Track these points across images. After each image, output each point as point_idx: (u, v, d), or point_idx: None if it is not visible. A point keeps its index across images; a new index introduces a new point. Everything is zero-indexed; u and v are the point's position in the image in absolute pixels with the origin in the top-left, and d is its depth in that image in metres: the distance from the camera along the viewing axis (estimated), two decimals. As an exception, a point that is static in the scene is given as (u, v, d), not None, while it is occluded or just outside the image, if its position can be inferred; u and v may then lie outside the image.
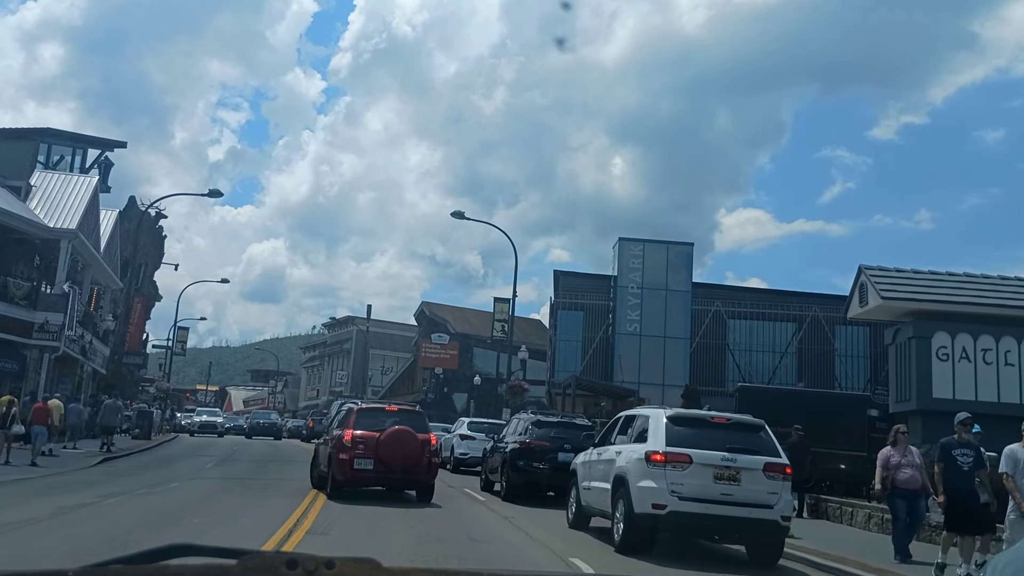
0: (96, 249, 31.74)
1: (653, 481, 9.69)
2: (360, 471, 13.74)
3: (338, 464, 13.79)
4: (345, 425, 14.45)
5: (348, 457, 13.70)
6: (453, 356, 49.78)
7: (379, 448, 13.71)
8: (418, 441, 14.24)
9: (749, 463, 9.80)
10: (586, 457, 12.37)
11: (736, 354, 40.26)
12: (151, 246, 57.25)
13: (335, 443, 14.12)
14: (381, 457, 13.71)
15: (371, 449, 13.68)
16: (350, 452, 13.74)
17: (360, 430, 14.06)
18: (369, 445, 13.73)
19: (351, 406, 17.56)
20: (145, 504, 12.43)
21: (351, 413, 14.90)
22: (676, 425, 10.11)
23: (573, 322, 40.50)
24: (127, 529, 9.35)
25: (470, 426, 26.22)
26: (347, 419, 14.68)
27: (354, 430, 14.07)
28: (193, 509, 11.68)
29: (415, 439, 14.19)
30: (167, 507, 12.02)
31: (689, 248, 39.56)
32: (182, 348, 54.18)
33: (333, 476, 13.90)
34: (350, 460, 13.69)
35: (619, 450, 10.76)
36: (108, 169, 43.69)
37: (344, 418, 15.24)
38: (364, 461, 13.66)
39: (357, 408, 15.34)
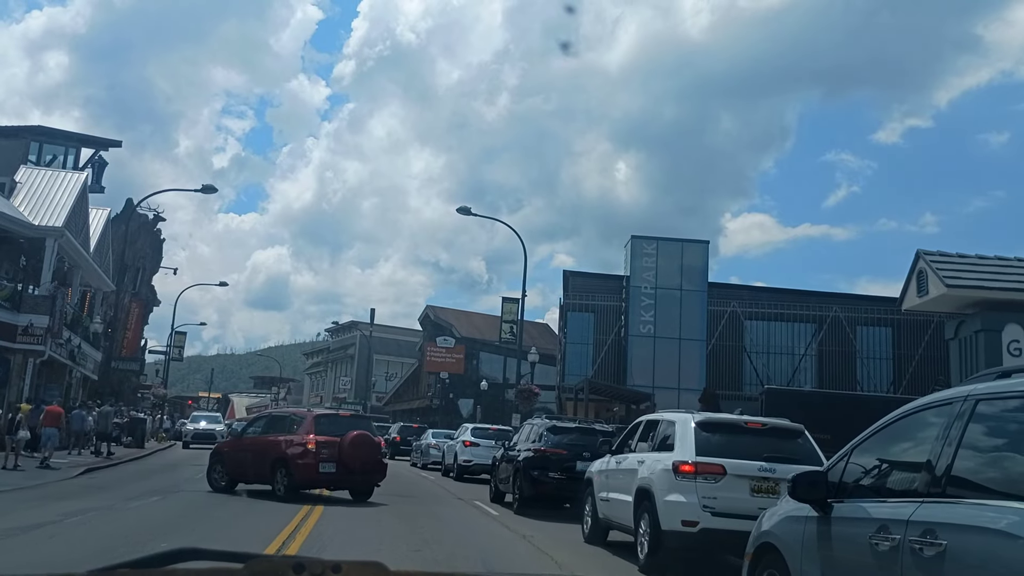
0: (85, 249, 30.35)
1: (682, 495, 8.41)
2: (324, 474, 14.57)
3: (303, 468, 14.46)
4: (307, 431, 14.94)
5: (313, 462, 14.41)
6: (459, 360, 48.28)
7: (343, 452, 14.57)
8: (376, 444, 15.61)
9: (789, 473, 8.26)
10: (603, 466, 11.00)
11: (753, 356, 38.73)
12: (149, 249, 55.95)
13: (296, 447, 14.66)
14: (344, 460, 14.56)
15: (334, 453, 14.50)
16: (315, 456, 14.43)
17: (321, 435, 14.74)
18: (332, 449, 14.53)
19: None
20: (111, 523, 10.94)
21: (309, 419, 15.37)
22: (706, 431, 8.80)
23: (583, 324, 39.00)
24: (80, 557, 7.86)
25: (474, 432, 24.78)
26: (308, 424, 15.15)
27: (316, 435, 14.71)
28: (166, 528, 10.21)
29: (373, 442, 15.46)
30: (135, 526, 10.55)
31: (704, 246, 38.05)
32: (179, 353, 52.82)
33: (293, 478, 14.50)
34: (315, 464, 14.42)
35: (641, 459, 9.40)
36: (102, 169, 42.37)
37: (302, 424, 15.52)
38: (328, 464, 14.49)
39: (314, 415, 15.85)
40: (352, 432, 14.98)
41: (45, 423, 20.76)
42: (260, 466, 15.11)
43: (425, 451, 29.94)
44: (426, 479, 23.76)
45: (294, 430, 15.20)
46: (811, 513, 4.70)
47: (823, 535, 4.58)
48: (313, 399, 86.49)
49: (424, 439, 31.21)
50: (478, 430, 24.92)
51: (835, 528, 4.48)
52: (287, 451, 14.66)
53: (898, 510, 3.91)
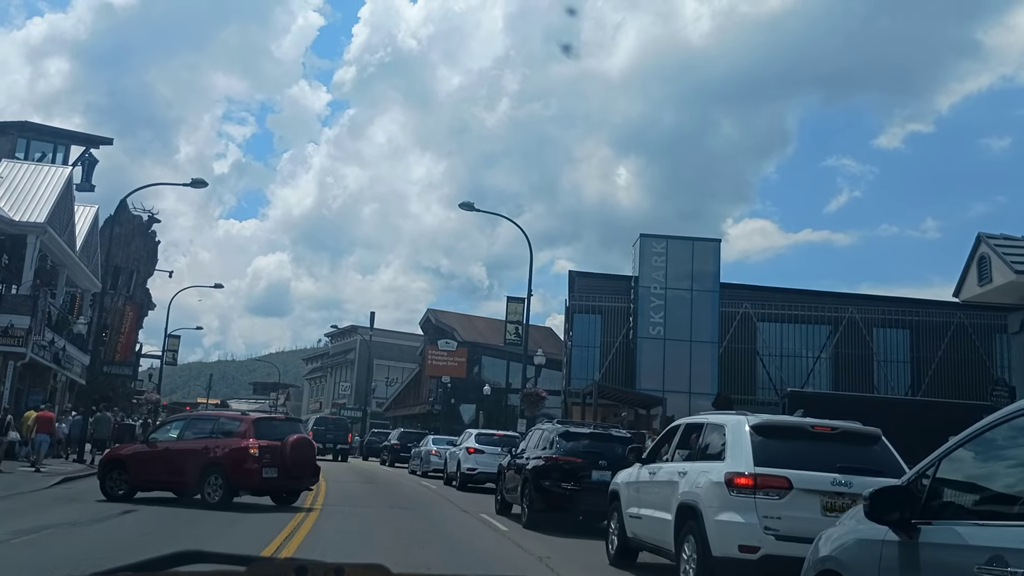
0: (71, 247, 29.04)
1: (738, 514, 6.96)
2: (267, 479, 14.12)
3: (245, 473, 13.95)
4: (247, 435, 14.29)
5: (257, 467, 13.95)
6: (461, 364, 46.88)
7: (284, 456, 14.16)
8: (313, 447, 15.58)
9: (869, 487, 6.95)
10: (632, 477, 9.53)
11: (766, 359, 37.35)
12: (143, 252, 54.63)
13: (235, 452, 14.02)
14: (286, 465, 14.17)
15: (276, 458, 14.08)
16: (259, 461, 13.96)
17: (262, 439, 14.24)
18: (274, 454, 14.11)
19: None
20: (65, 544, 9.60)
21: (248, 423, 14.69)
22: (764, 437, 7.33)
23: (590, 326, 37.62)
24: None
25: (479, 438, 23.37)
26: (246, 429, 14.47)
27: (258, 440, 14.18)
28: (125, 550, 8.83)
29: (312, 446, 15.40)
30: (88, 548, 9.20)
31: (716, 245, 36.66)
32: (174, 358, 51.44)
33: (230, 484, 13.94)
34: (259, 469, 13.96)
35: (682, 470, 7.94)
36: (92, 167, 41.18)
37: (237, 428, 14.75)
38: (270, 469, 14.05)
39: (253, 418, 15.18)
40: (292, 436, 14.68)
41: (37, 429, 20.52)
42: (181, 472, 14.25)
43: (425, 458, 28.62)
44: (427, 489, 22.39)
45: (227, 434, 14.47)
46: (891, 537, 3.88)
47: (909, 564, 3.74)
48: (312, 405, 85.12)
49: (424, 445, 29.88)
50: (483, 436, 23.55)
51: (925, 555, 3.67)
52: (223, 456, 14.00)
53: (1020, 535, 3.12)
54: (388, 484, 23.19)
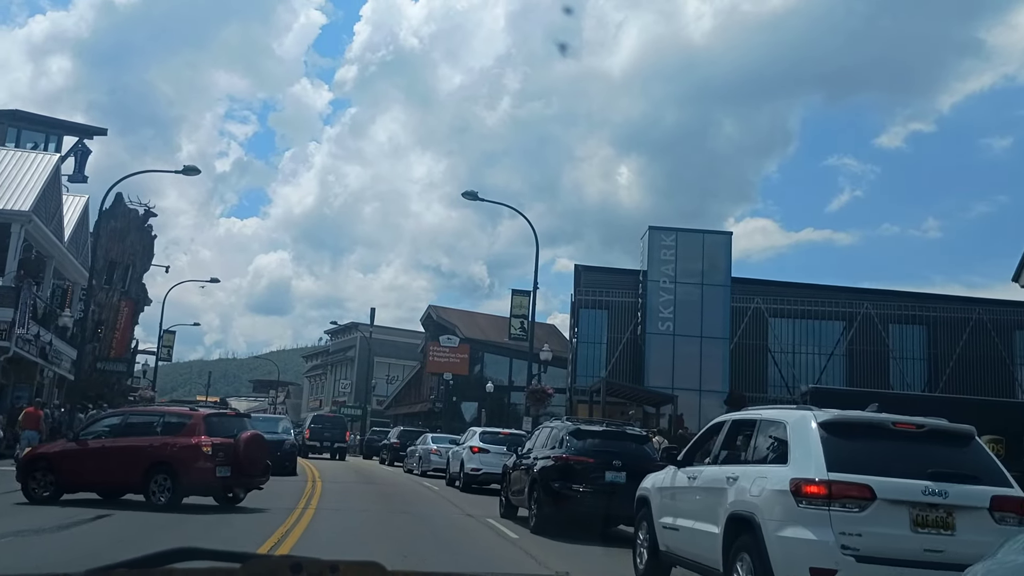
0: (59, 238, 27.94)
1: (809, 529, 5.73)
2: (221, 478, 13.18)
3: (198, 472, 12.99)
4: (198, 432, 13.29)
5: (211, 465, 13.02)
6: (463, 361, 45.73)
7: (238, 454, 13.28)
8: (267, 445, 14.70)
9: (967, 498, 5.79)
10: (666, 482, 8.33)
11: (777, 356, 36.22)
12: (139, 246, 53.43)
13: (186, 450, 13.06)
14: (241, 463, 13.32)
15: (230, 455, 13.20)
16: (212, 460, 13.03)
17: (214, 436, 13.27)
18: (228, 452, 13.19)
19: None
20: (17, 555, 8.48)
21: (199, 419, 13.63)
22: (835, 436, 6.10)
23: (596, 322, 36.53)
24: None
25: (483, 437, 22.23)
26: (197, 426, 13.44)
27: (210, 437, 13.20)
28: (87, 560, 7.69)
29: (265, 443, 14.54)
30: (41, 559, 8.08)
31: (727, 237, 35.54)
32: (168, 354, 50.34)
33: (181, 484, 12.94)
34: (212, 468, 13.02)
35: (731, 474, 6.76)
36: (85, 157, 40.13)
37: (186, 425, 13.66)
38: (224, 468, 13.14)
39: (204, 414, 14.08)
40: (246, 432, 13.80)
41: (24, 425, 20.12)
42: (120, 472, 13.18)
43: (425, 457, 27.56)
44: (429, 490, 21.28)
45: (175, 431, 13.43)
46: None
47: None
48: (312, 403, 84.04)
49: (423, 444, 28.81)
50: (487, 435, 22.43)
51: None
52: (171, 454, 13.01)
53: None
54: (387, 484, 22.10)
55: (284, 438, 21.93)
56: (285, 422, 24.21)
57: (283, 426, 23.09)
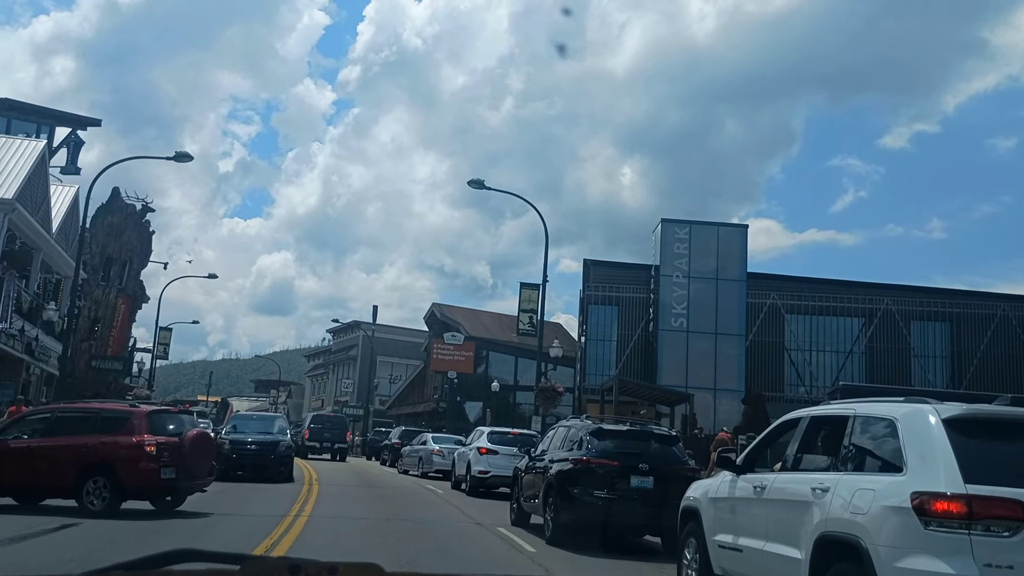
0: (46, 228, 26.71)
1: (941, 560, 4.41)
2: (166, 480, 12.07)
3: (141, 474, 11.83)
4: (140, 431, 12.14)
5: (155, 466, 11.88)
6: (468, 359, 44.45)
7: (184, 454, 12.15)
8: (215, 444, 13.92)
9: None
10: (721, 491, 7.01)
11: (794, 354, 34.93)
12: (137, 242, 52.20)
13: (127, 450, 11.91)
14: (187, 463, 12.19)
15: (175, 456, 12.05)
16: (157, 460, 11.90)
17: (159, 435, 12.16)
18: (173, 451, 12.05)
19: None
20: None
21: (141, 417, 12.45)
22: (966, 436, 4.75)
23: (606, 318, 35.30)
24: None
25: (492, 437, 20.92)
26: (139, 423, 12.27)
27: (155, 436, 12.12)
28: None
29: (213, 442, 13.77)
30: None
31: (743, 231, 34.25)
32: (165, 351, 49.12)
33: (122, 487, 11.84)
34: (157, 469, 11.89)
35: (819, 484, 5.42)
36: (78, 148, 38.84)
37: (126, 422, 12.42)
38: (168, 470, 12.01)
39: (146, 411, 12.85)
40: (192, 431, 12.80)
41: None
42: (49, 474, 11.98)
43: (427, 458, 26.36)
44: (432, 493, 20.01)
45: (113, 429, 12.19)
46: None
47: None
48: (314, 403, 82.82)
49: (424, 445, 27.61)
50: (496, 435, 21.12)
51: None
52: (110, 455, 11.83)
53: None
54: (389, 488, 20.83)
55: (279, 439, 20.11)
56: (281, 421, 22.35)
57: (279, 426, 21.27)
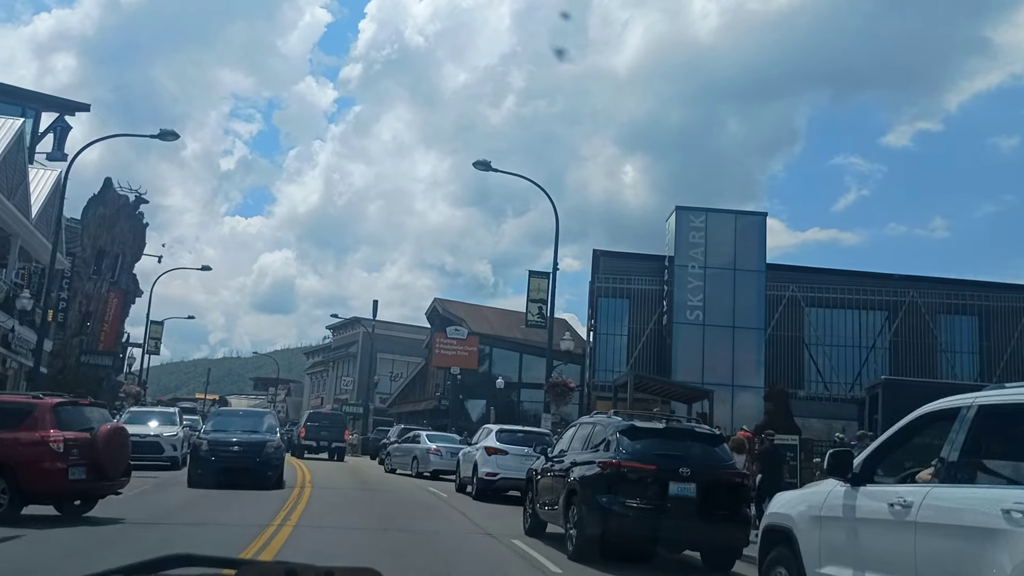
0: (25, 214, 25.08)
1: None
2: (74, 481, 10.74)
3: (46, 475, 10.49)
4: (44, 425, 10.73)
5: (62, 466, 10.58)
6: (472, 354, 42.74)
7: (96, 452, 10.82)
8: (129, 440, 12.25)
9: None
10: (830, 506, 5.26)
11: (813, 348, 33.26)
12: (130, 235, 50.63)
13: (28, 447, 10.54)
14: (100, 463, 10.86)
15: (86, 454, 10.76)
16: (64, 459, 10.59)
17: (66, 431, 10.77)
18: (84, 449, 10.74)
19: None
20: None
21: (46, 409, 10.99)
22: None
23: (617, 311, 33.65)
24: None
25: (501, 436, 19.20)
26: (43, 417, 10.87)
27: (62, 431, 10.71)
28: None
29: (128, 439, 12.08)
30: None
31: (762, 219, 32.55)
32: (156, 346, 47.46)
33: (23, 489, 10.44)
34: (64, 470, 10.59)
35: (1018, 504, 3.73)
36: (65, 133, 37.21)
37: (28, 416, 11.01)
38: (78, 470, 10.72)
39: (51, 403, 11.34)
40: (106, 426, 11.51)
41: None
42: None
43: (423, 457, 24.83)
44: (435, 497, 18.35)
45: (13, 423, 10.76)
46: None
47: None
48: (314, 401, 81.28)
49: (418, 443, 26.14)
50: (505, 433, 19.41)
51: None
52: (9, 453, 10.46)
53: None
54: (388, 492, 19.18)
55: (266, 439, 17.28)
56: (270, 418, 19.47)
57: (267, 424, 18.39)
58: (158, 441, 20.61)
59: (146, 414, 22.89)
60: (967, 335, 33.06)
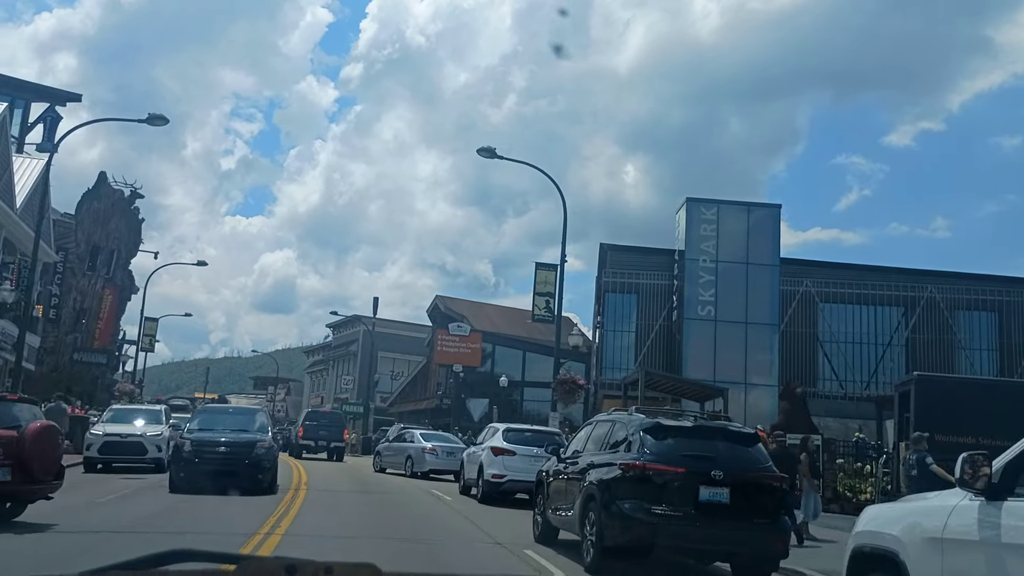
0: (9, 204, 24.05)
1: None
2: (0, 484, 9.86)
3: None
4: None
5: None
6: (475, 351, 41.69)
7: (23, 451, 9.87)
8: (61, 438, 11.70)
9: None
10: (957, 525, 4.04)
11: (828, 346, 32.21)
12: (125, 230, 49.71)
13: None
14: (28, 463, 9.91)
15: (12, 452, 9.80)
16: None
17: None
18: (9, 448, 9.81)
19: None
20: None
21: None
22: None
23: (624, 307, 32.63)
24: None
25: (508, 436, 18.13)
26: None
27: None
28: None
29: (60, 436, 11.48)
30: None
31: (775, 211, 31.45)
32: (151, 343, 46.44)
33: None
34: None
35: None
36: (55, 124, 36.24)
37: None
38: (3, 471, 9.86)
39: None
40: (35, 423, 10.53)
41: None
42: None
43: (418, 457, 23.91)
44: (438, 501, 17.32)
45: None
46: None
47: None
48: (314, 400, 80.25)
49: (411, 441, 25.21)
50: (513, 433, 18.32)
51: None
52: None
53: None
54: (388, 494, 18.14)
55: (257, 439, 15.65)
56: (262, 416, 17.66)
57: (259, 422, 16.75)
58: (140, 441, 18.77)
59: (130, 412, 21.04)
60: (986, 331, 32.01)
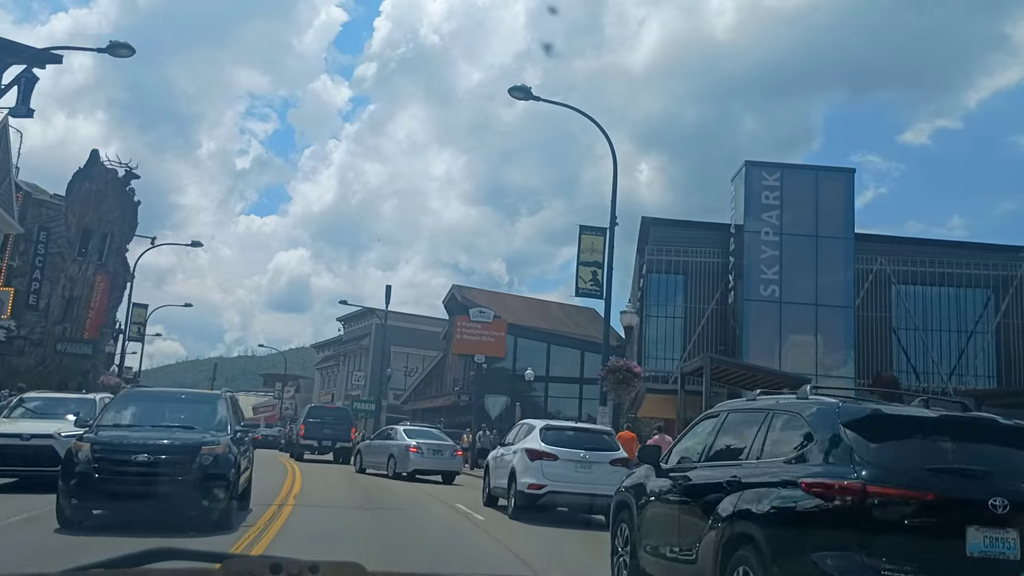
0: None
1: None
2: None
3: None
4: None
5: None
6: (499, 340, 37.56)
7: None
8: None
9: None
10: None
11: (904, 333, 28.11)
12: (119, 212, 46.07)
13: None
14: None
15: None
16: None
17: None
18: None
19: None
20: None
21: None
22: None
23: (670, 289, 28.66)
24: None
25: (547, 435, 14.13)
26: None
27: None
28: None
29: None
30: None
31: (849, 176, 27.32)
32: (140, 332, 42.74)
33: None
34: None
35: None
36: (31, 86, 32.41)
37: None
38: None
39: None
40: None
41: None
42: None
43: (402, 456, 21.07)
44: (465, 519, 13.35)
45: None
46: None
47: None
48: (324, 397, 76.75)
49: (395, 439, 22.22)
50: (554, 432, 14.36)
51: None
52: None
53: None
54: (395, 510, 14.14)
55: (202, 441, 9.71)
56: (223, 407, 11.08)
57: (219, 416, 10.72)
58: (51, 445, 12.31)
59: (52, 402, 15.08)
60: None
